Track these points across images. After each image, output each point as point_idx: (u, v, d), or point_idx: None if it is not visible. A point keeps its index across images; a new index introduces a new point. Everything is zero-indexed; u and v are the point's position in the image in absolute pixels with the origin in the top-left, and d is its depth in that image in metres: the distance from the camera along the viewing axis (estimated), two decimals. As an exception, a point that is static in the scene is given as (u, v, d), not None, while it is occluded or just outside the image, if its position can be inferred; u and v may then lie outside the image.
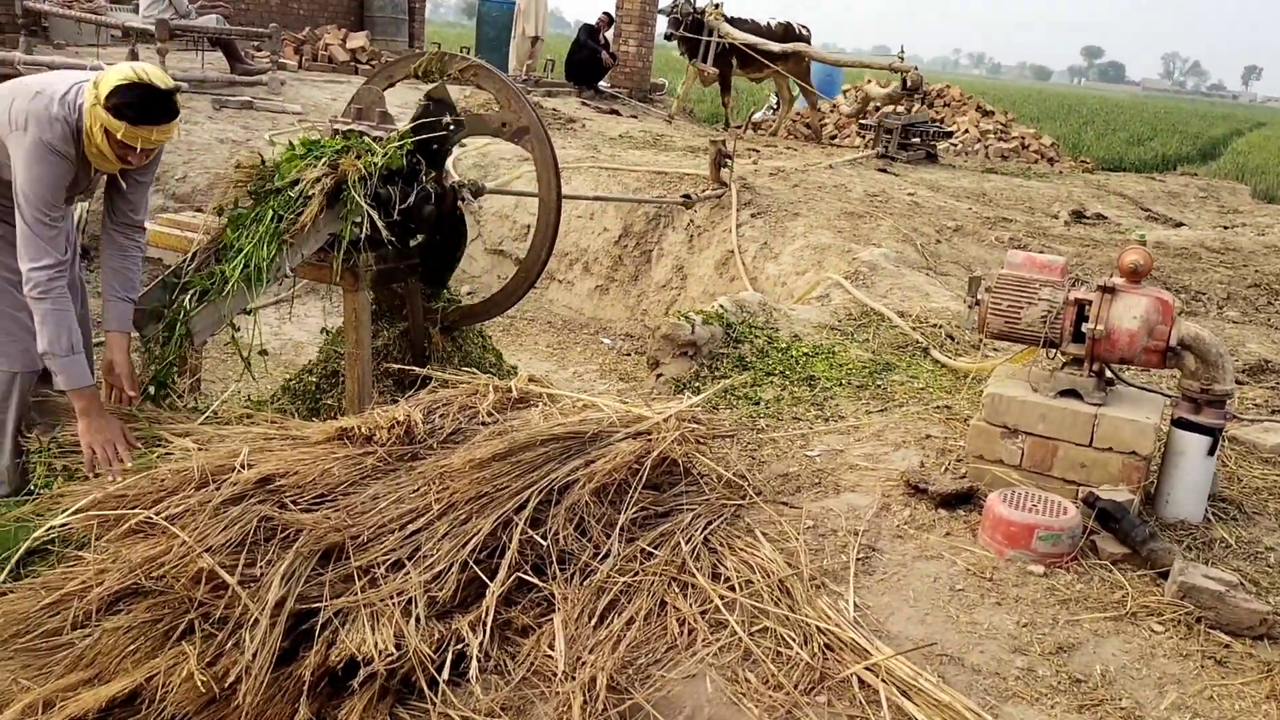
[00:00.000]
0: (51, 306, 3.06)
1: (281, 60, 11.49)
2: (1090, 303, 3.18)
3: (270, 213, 3.70)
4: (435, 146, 4.27)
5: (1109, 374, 3.32)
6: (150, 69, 3.14)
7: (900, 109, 12.15)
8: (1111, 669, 2.47)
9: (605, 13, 15.30)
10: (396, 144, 4.03)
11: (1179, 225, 10.03)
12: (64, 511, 2.71)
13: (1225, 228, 9.92)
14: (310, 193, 3.74)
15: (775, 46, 12.94)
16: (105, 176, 3.36)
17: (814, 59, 13.53)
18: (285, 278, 3.86)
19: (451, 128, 4.29)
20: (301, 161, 3.88)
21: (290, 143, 4.01)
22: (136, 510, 2.66)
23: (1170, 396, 3.37)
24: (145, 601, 2.52)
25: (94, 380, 3.22)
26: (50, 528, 2.76)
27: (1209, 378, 3.15)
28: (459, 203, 4.56)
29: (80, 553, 2.69)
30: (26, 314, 3.23)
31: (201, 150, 8.10)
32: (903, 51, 11.65)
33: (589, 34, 14.67)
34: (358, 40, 13.76)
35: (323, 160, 3.87)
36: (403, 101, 9.86)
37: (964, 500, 3.23)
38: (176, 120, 3.18)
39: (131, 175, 3.39)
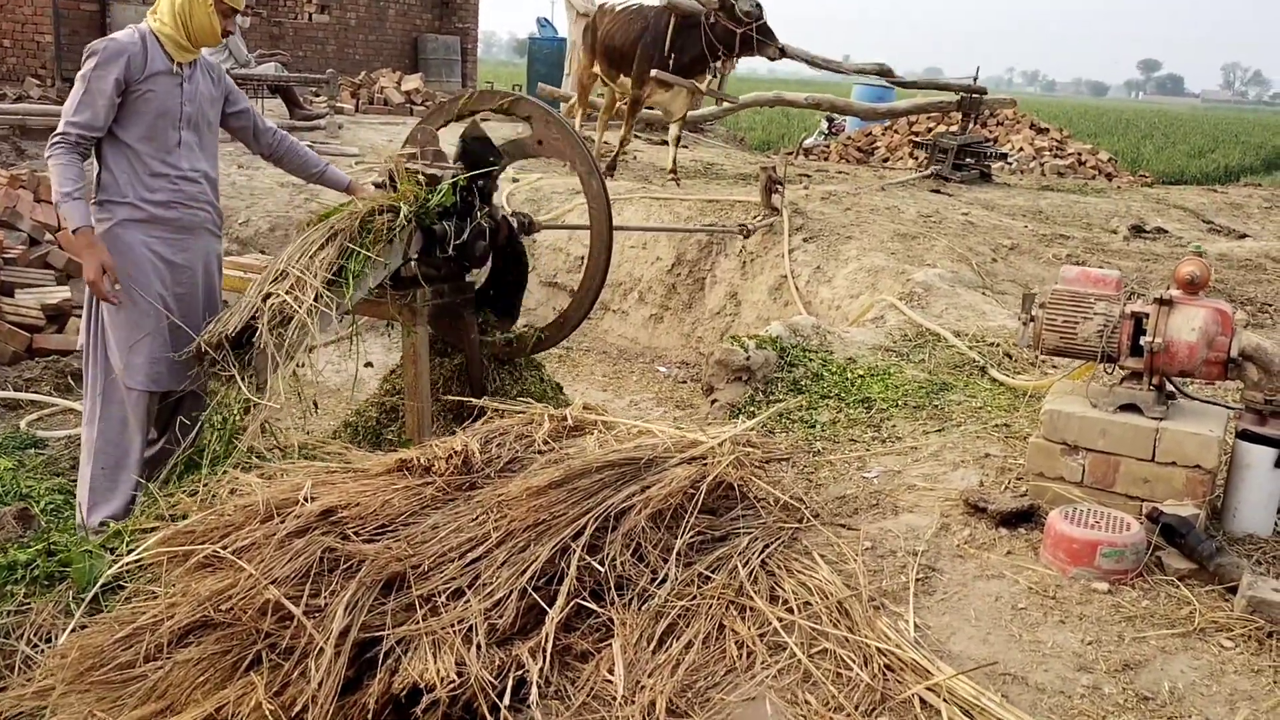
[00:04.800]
0: (55, 161, 3.54)
1: (339, 104, 11.78)
2: (1147, 316, 3.14)
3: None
4: (481, 183, 4.34)
5: (1169, 387, 3.28)
6: None
7: (954, 129, 12.07)
8: (1180, 686, 2.42)
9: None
10: (450, 181, 4.11)
11: (1243, 237, 9.83)
12: (135, 548, 2.80)
13: (1292, 238, 9.70)
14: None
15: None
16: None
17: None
18: (346, 313, 3.95)
19: (492, 160, 4.37)
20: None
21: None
22: (204, 545, 2.73)
23: (1234, 409, 3.31)
24: (214, 634, 2.58)
25: (90, 225, 3.60)
26: (122, 564, 2.85)
27: (1273, 388, 3.10)
28: (519, 236, 4.64)
29: (151, 587, 2.77)
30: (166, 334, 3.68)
31: (263, 195, 8.31)
32: (977, 73, 11.44)
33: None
34: (412, 82, 14.06)
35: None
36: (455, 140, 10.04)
37: (1025, 518, 3.20)
38: None
39: (230, 121, 3.98)
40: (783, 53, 9.25)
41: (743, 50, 8.92)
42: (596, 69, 10.01)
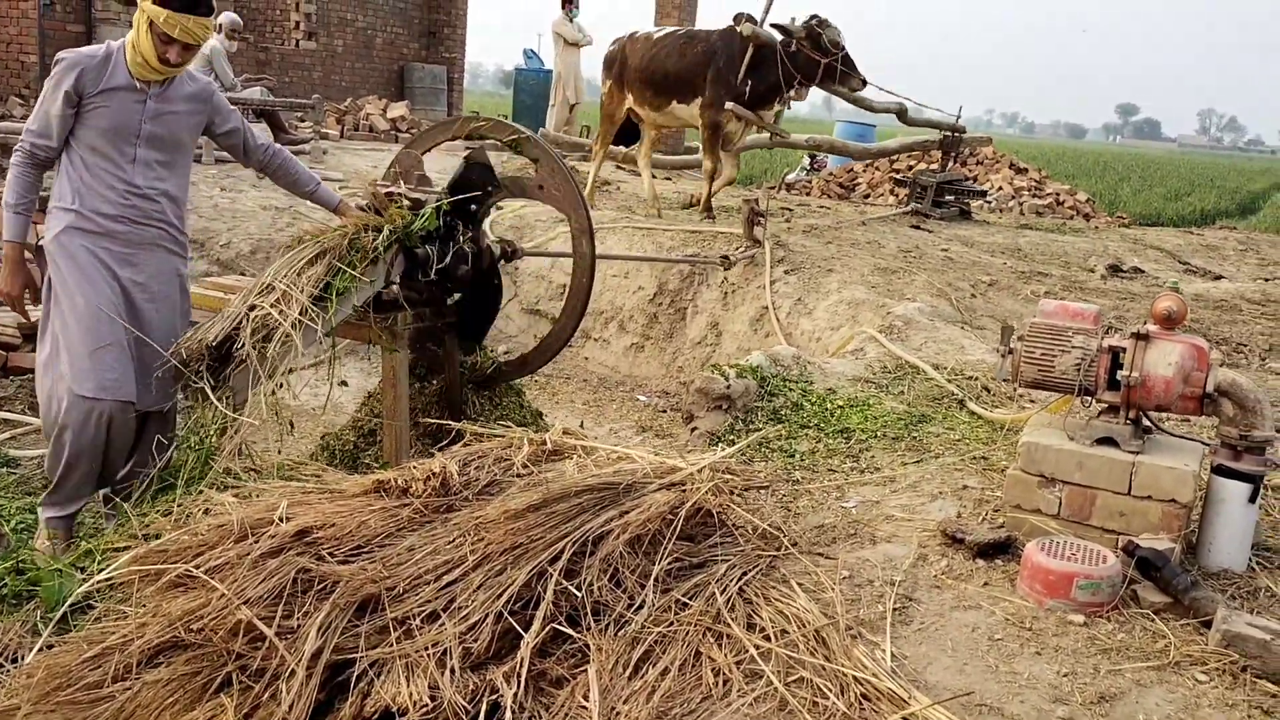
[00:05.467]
0: (10, 171, 3.62)
1: (324, 130, 11.80)
2: (1124, 350, 3.17)
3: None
4: (473, 208, 4.35)
5: (1146, 422, 3.30)
6: None
7: (934, 166, 12.18)
8: (1155, 719, 2.42)
9: (639, 79, 15.54)
10: (433, 205, 4.12)
11: (1218, 278, 9.94)
12: (106, 567, 2.76)
13: (1266, 280, 9.82)
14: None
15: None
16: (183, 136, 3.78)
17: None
18: (327, 334, 3.93)
19: (489, 189, 4.38)
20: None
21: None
22: (177, 564, 2.70)
23: (1209, 444, 3.33)
24: (184, 654, 2.55)
25: (22, 241, 3.67)
26: (93, 583, 2.81)
27: (1247, 424, 3.11)
28: (499, 263, 4.64)
29: (122, 606, 2.73)
30: (130, 346, 3.63)
31: (246, 217, 8.29)
32: (960, 112, 11.43)
33: (623, 99, 14.89)
34: (398, 110, 14.10)
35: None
36: (441, 167, 10.06)
37: (1002, 550, 3.20)
38: (211, 19, 3.59)
39: (220, 140, 3.95)
40: (864, 84, 8.79)
41: (824, 81, 8.53)
42: (630, 101, 9.40)
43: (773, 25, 8.49)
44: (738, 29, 8.50)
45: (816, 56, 8.31)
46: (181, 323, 3.86)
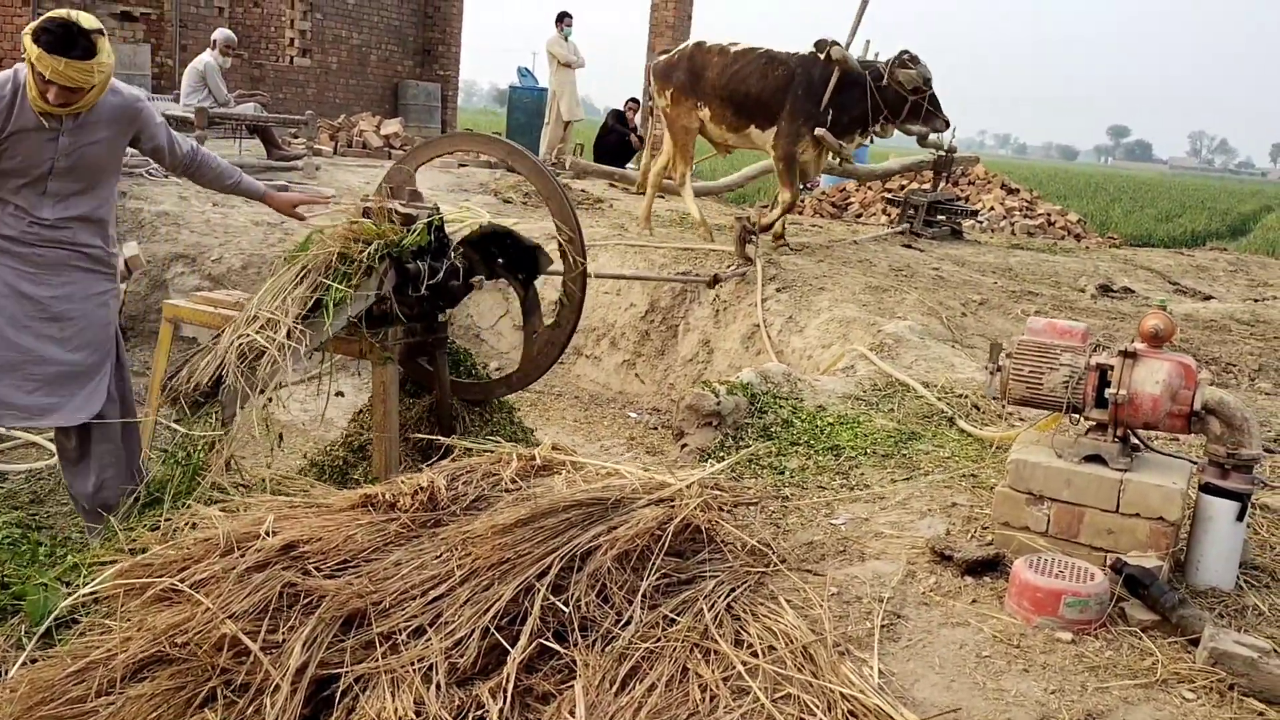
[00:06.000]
0: None
1: (317, 146, 11.82)
2: (1112, 368, 3.17)
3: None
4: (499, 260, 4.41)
5: (1134, 440, 3.30)
6: (84, 14, 3.39)
7: (926, 186, 12.23)
8: (1142, 737, 2.41)
9: (633, 98, 15.64)
10: (425, 221, 4.13)
11: (1208, 298, 9.99)
12: (91, 580, 2.75)
13: (1256, 300, 9.86)
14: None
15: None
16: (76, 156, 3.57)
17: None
18: (316, 350, 3.94)
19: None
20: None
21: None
22: (162, 578, 2.69)
23: (1197, 463, 3.34)
24: (169, 669, 2.54)
25: None
26: (77, 597, 2.80)
27: (1235, 442, 3.12)
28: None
29: (107, 621, 2.72)
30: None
31: (238, 233, 8.29)
32: (954, 133, 11.38)
33: (617, 119, 14.99)
34: (391, 127, 14.13)
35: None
36: (432, 184, 10.09)
37: (990, 567, 3.20)
38: (93, 62, 3.33)
39: (142, 149, 3.81)
40: (948, 125, 8.55)
41: (909, 119, 8.24)
42: (704, 115, 8.85)
43: (860, 60, 8.17)
44: (820, 54, 8.13)
45: (906, 93, 8.07)
46: (101, 337, 3.77)
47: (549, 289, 8.04)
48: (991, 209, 15.58)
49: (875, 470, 4.25)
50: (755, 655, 2.67)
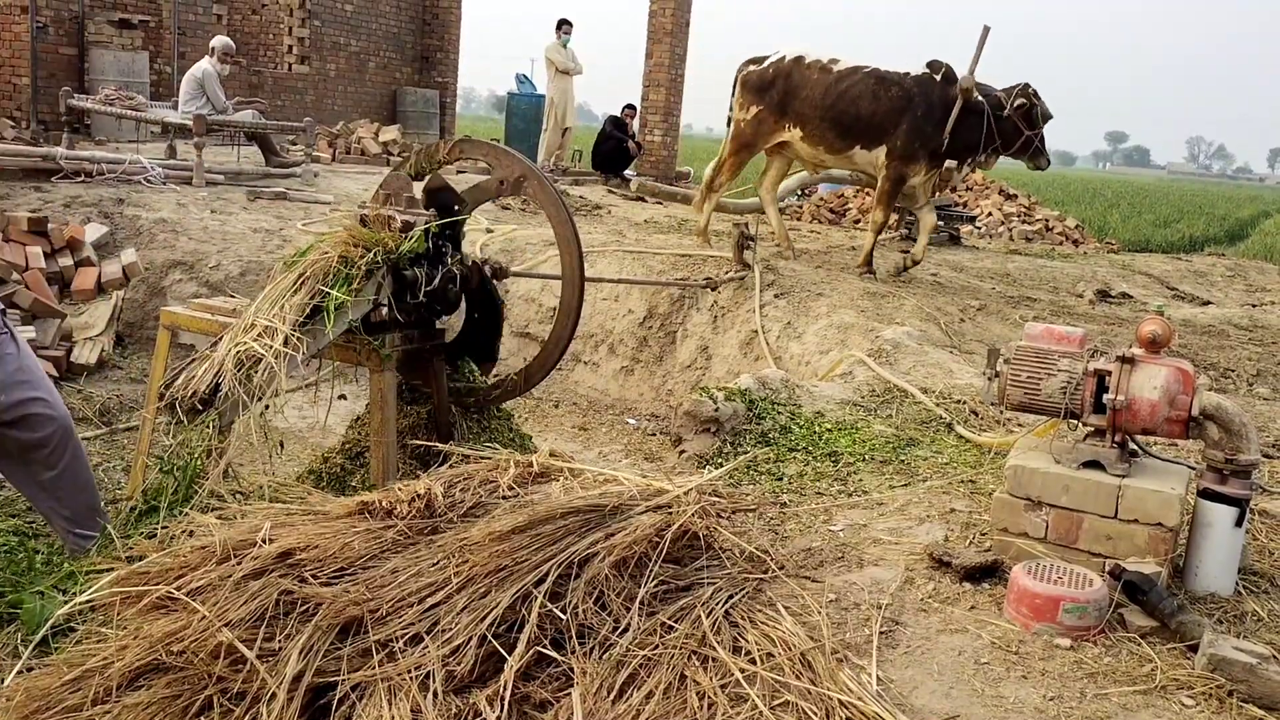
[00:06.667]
0: None
1: (315, 153, 11.82)
2: (1110, 373, 3.17)
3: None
4: (449, 231, 4.36)
5: (1132, 445, 3.30)
6: None
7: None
8: (1142, 743, 2.41)
9: (630, 105, 15.66)
10: (422, 227, 4.12)
11: (1206, 303, 10.00)
12: (87, 588, 2.74)
13: (1254, 305, 9.87)
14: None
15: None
16: None
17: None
18: (314, 357, 3.93)
19: (457, 208, 4.40)
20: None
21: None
22: (158, 586, 2.68)
23: (1195, 468, 3.34)
24: (165, 677, 2.53)
25: None
26: (73, 605, 2.79)
27: (1233, 448, 3.12)
28: (491, 281, 4.65)
29: (103, 629, 2.71)
30: None
31: (236, 240, 8.29)
32: None
33: (615, 125, 15.00)
34: (390, 134, 14.14)
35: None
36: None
37: (989, 573, 3.19)
38: None
39: None
40: (1049, 165, 8.42)
41: (1019, 153, 8.07)
42: (796, 136, 8.42)
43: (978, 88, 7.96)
44: (935, 75, 7.95)
45: (1024, 127, 7.89)
46: None
47: (547, 295, 8.05)
48: (989, 215, 15.58)
49: (874, 476, 4.25)
50: (753, 662, 2.66)
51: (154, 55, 14.10)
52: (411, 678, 2.48)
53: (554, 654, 2.67)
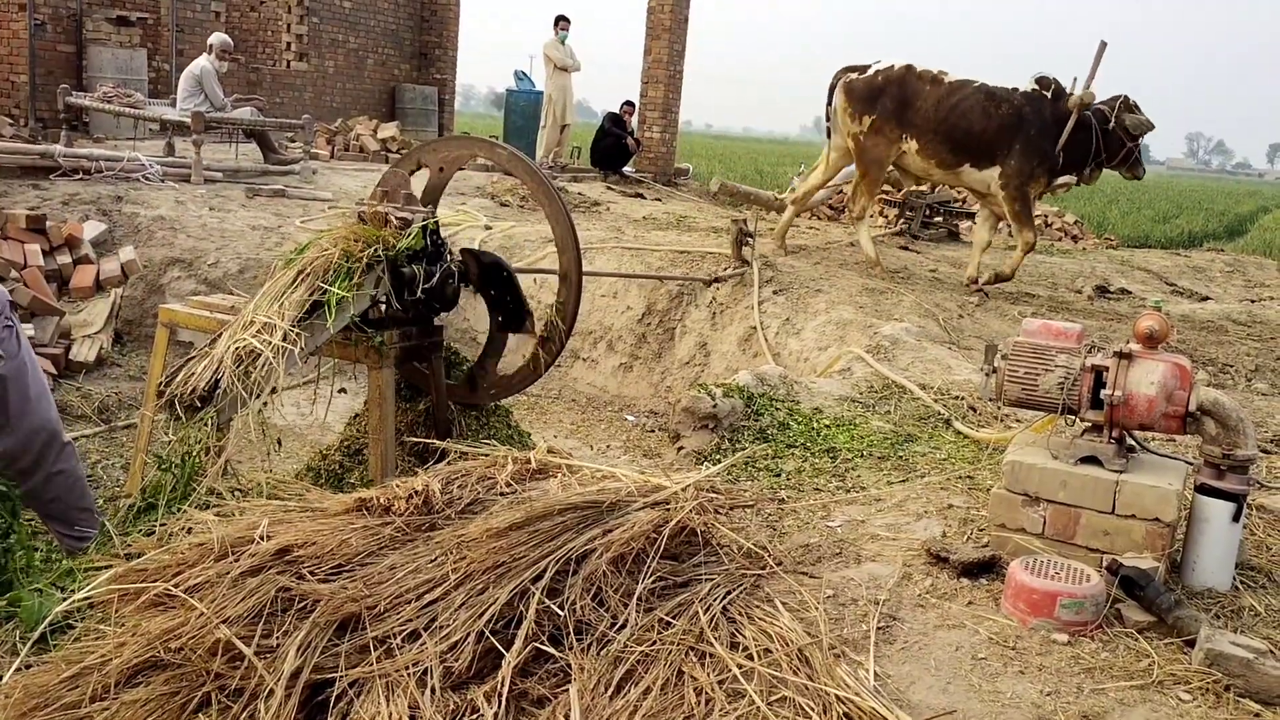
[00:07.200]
0: None
1: (314, 150, 11.81)
2: (1107, 369, 3.17)
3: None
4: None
5: (1130, 441, 3.30)
6: None
7: (924, 188, 12.24)
8: (1138, 738, 2.41)
9: (628, 101, 15.65)
10: (420, 224, 4.13)
11: (1205, 299, 10.00)
12: (85, 586, 2.74)
13: (1252, 301, 9.88)
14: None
15: None
16: None
17: None
18: (312, 354, 3.94)
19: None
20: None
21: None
22: (156, 583, 2.68)
23: (1193, 463, 3.34)
24: (163, 674, 2.53)
25: None
26: (71, 603, 2.79)
27: (1230, 443, 3.12)
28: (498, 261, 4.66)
29: (100, 625, 2.71)
30: None
31: (234, 237, 8.29)
32: None
33: (614, 121, 14.98)
34: (388, 131, 14.12)
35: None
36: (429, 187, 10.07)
37: (986, 569, 3.19)
38: None
39: None
40: (1144, 175, 8.45)
41: (1120, 164, 8.04)
42: (909, 147, 8.20)
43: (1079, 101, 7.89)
44: (1045, 92, 7.88)
45: (1126, 140, 7.86)
46: None
47: (545, 291, 8.05)
48: (988, 211, 15.56)
49: (871, 472, 4.25)
50: (751, 658, 2.66)
51: (152, 52, 14.08)
52: (409, 674, 2.49)
53: (552, 650, 2.68)
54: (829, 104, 8.54)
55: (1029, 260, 10.55)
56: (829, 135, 8.73)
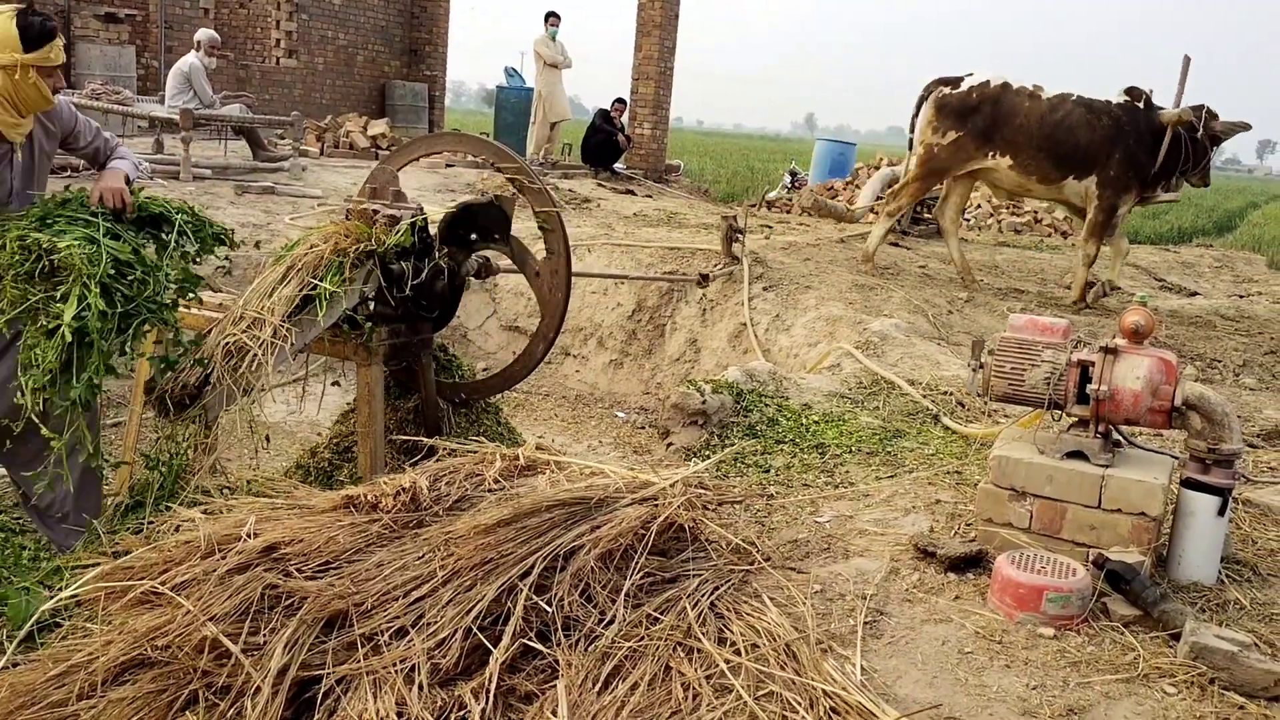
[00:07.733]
0: None
1: (303, 147, 11.78)
2: (1093, 364, 3.18)
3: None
4: (473, 237, 4.38)
5: (1116, 436, 3.31)
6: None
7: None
8: (1123, 731, 2.42)
9: (619, 98, 15.64)
10: (409, 221, 4.12)
11: (1193, 294, 10.04)
12: (72, 583, 2.74)
13: (1240, 296, 9.92)
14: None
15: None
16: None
17: None
18: (301, 352, 3.93)
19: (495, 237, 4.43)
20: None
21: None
22: (143, 581, 2.68)
23: (1178, 458, 3.35)
24: (150, 672, 2.52)
25: None
26: (58, 600, 2.78)
27: (1215, 437, 3.13)
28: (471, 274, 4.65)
29: (87, 623, 2.71)
30: None
31: (222, 234, 8.25)
32: None
33: (604, 118, 14.97)
34: (378, 127, 14.08)
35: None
36: (418, 184, 10.07)
37: (973, 563, 3.21)
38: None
39: (79, 150, 3.79)
40: (1208, 185, 8.48)
41: (1195, 170, 8.02)
42: (1000, 163, 8.09)
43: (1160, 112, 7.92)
44: (1139, 104, 7.90)
45: (1209, 148, 7.90)
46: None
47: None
48: (978, 206, 15.60)
49: (860, 468, 4.26)
50: (738, 653, 2.67)
51: (141, 49, 14.03)
52: (397, 670, 2.49)
53: (539, 646, 2.68)
54: (915, 114, 8.44)
55: (1018, 256, 10.59)
56: (910, 147, 8.63)
